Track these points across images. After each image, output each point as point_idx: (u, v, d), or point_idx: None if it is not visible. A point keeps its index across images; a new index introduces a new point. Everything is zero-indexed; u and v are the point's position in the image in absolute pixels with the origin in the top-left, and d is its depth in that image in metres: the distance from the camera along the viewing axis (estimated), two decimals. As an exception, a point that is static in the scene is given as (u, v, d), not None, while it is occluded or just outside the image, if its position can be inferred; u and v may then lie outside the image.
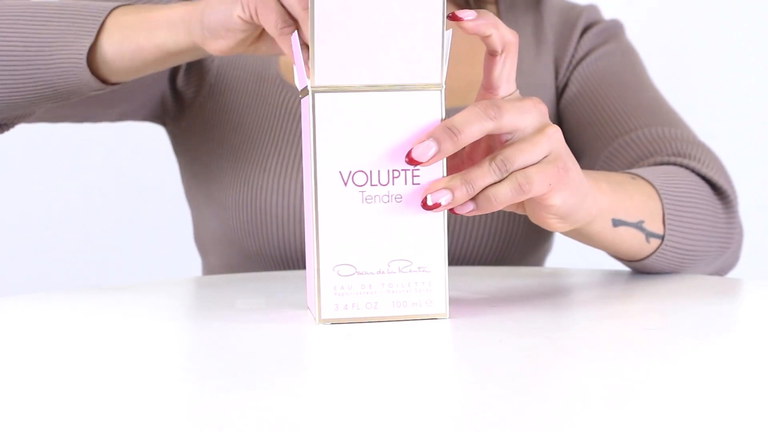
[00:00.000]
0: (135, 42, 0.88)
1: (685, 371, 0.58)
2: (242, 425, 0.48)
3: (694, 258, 0.93)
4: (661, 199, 0.89)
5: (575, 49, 1.13)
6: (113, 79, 0.92)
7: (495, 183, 0.71)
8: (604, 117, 1.09)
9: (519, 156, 0.71)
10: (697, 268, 0.95)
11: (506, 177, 0.71)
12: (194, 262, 1.28)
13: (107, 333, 0.71)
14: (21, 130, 1.74)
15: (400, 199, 0.70)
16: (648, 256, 0.89)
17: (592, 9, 1.16)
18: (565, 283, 0.88)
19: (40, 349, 0.67)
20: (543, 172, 0.72)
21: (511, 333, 0.69)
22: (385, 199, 0.70)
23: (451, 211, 0.71)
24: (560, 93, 1.12)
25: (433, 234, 0.71)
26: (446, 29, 0.71)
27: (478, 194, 0.71)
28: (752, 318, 0.75)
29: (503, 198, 0.71)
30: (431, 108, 0.70)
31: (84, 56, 0.89)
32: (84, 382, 0.58)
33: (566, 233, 0.82)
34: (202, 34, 0.84)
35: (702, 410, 0.50)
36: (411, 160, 0.70)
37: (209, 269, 1.14)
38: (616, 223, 0.84)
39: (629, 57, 1.14)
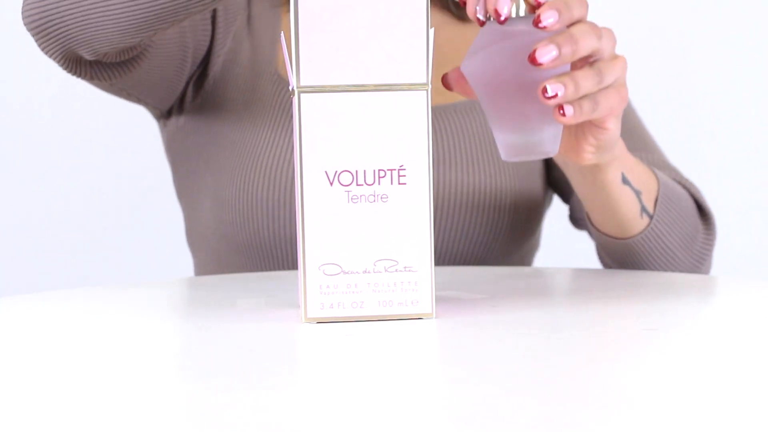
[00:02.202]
0: None
1: (685, 371, 0.58)
2: (239, 425, 0.48)
3: (668, 259, 0.95)
4: (658, 183, 0.93)
5: None
6: None
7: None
8: None
9: (610, 72, 0.77)
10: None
11: (585, 97, 0.76)
12: (191, 261, 1.28)
13: (106, 332, 0.72)
14: (20, 129, 1.75)
15: (386, 199, 0.71)
16: (635, 235, 0.92)
17: None
18: (564, 283, 0.88)
19: (40, 348, 0.67)
20: (608, 97, 0.78)
21: (510, 333, 0.69)
22: (371, 198, 0.71)
23: (557, 112, 0.74)
24: None
25: (419, 233, 0.71)
26: (431, 27, 0.71)
27: (580, 102, 0.76)
28: (752, 318, 0.75)
29: (606, 105, 0.77)
30: (417, 108, 0.71)
31: None
32: (82, 381, 0.58)
33: (580, 178, 0.87)
34: None
35: (702, 410, 0.50)
36: (533, 60, 0.72)
37: (200, 265, 1.15)
38: (625, 180, 0.88)
39: None
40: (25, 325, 0.76)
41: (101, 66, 1.00)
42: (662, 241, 0.92)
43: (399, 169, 0.71)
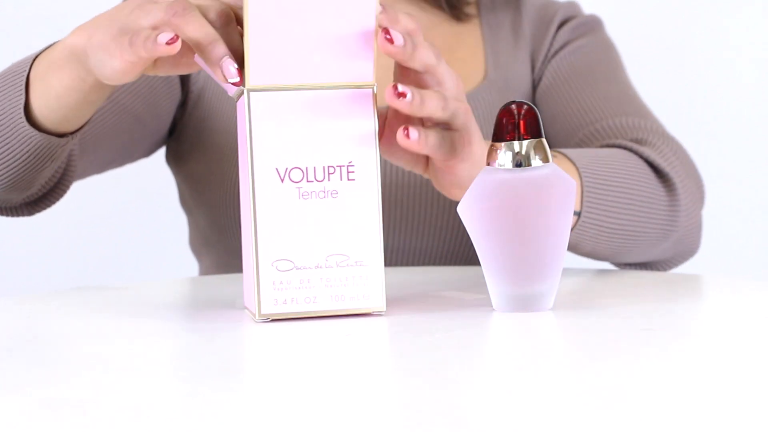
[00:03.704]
0: (53, 89, 0.83)
1: (684, 371, 0.58)
2: (238, 425, 0.49)
3: (629, 238, 0.93)
4: (580, 177, 0.90)
5: (551, 43, 1.14)
6: (63, 129, 0.87)
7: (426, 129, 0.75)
8: (573, 109, 1.09)
9: (453, 106, 0.75)
10: (640, 250, 0.96)
11: (432, 128, 0.75)
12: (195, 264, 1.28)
13: (103, 332, 0.72)
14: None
15: (336, 195, 0.72)
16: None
17: (571, 5, 1.16)
18: (563, 283, 0.88)
19: (40, 347, 0.67)
20: (454, 138, 0.76)
21: (508, 332, 0.69)
22: (322, 194, 0.72)
23: (402, 137, 0.72)
24: (536, 86, 1.13)
25: (369, 228, 0.72)
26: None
27: (419, 128, 0.73)
28: (751, 318, 0.75)
29: (432, 142, 0.74)
30: (364, 105, 0.72)
31: (22, 119, 0.85)
32: (81, 379, 0.58)
33: None
34: (92, 69, 0.78)
35: (701, 410, 0.50)
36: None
37: (204, 272, 1.16)
38: None
39: (604, 50, 1.14)
40: (26, 325, 0.76)
41: (34, 202, 0.97)
42: (606, 227, 0.91)
43: (348, 165, 0.72)
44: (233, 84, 0.71)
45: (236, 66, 0.71)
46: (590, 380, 0.56)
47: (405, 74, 0.76)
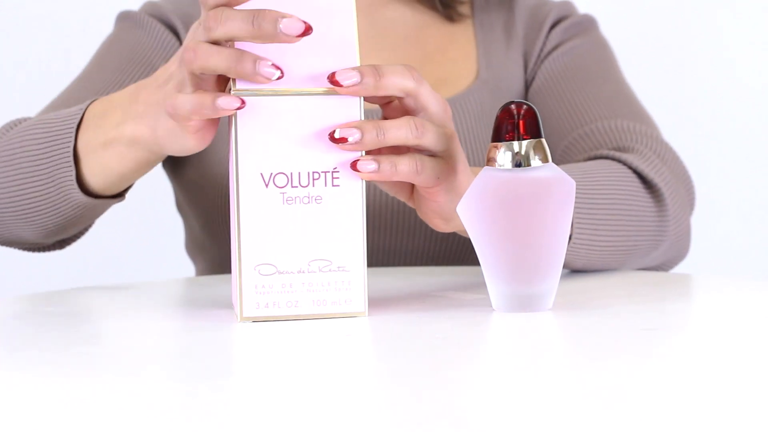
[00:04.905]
0: (112, 169, 0.84)
1: (685, 371, 0.58)
2: (236, 425, 0.49)
3: (620, 253, 0.93)
4: None
5: (544, 43, 1.13)
6: (117, 191, 0.88)
7: (398, 156, 0.73)
8: (564, 110, 1.09)
9: (432, 131, 0.73)
10: (632, 261, 0.95)
11: (407, 154, 0.73)
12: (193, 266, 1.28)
13: (100, 332, 0.72)
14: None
15: (320, 200, 0.72)
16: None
17: (565, 5, 1.16)
18: (562, 283, 0.88)
19: (39, 348, 0.67)
20: (437, 164, 0.74)
21: (508, 332, 0.69)
22: (306, 200, 0.72)
23: (352, 166, 0.72)
24: (528, 86, 1.13)
25: (352, 234, 0.73)
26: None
27: (382, 158, 0.72)
28: (751, 318, 0.75)
29: (403, 169, 0.73)
30: (350, 111, 0.72)
31: (75, 189, 0.86)
32: (80, 380, 0.58)
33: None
34: (163, 150, 0.80)
35: (702, 410, 0.50)
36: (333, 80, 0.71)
37: (199, 275, 1.17)
38: None
39: (598, 51, 1.13)
40: (26, 325, 0.76)
41: (66, 239, 0.98)
42: (598, 245, 0.90)
43: (333, 172, 0.72)
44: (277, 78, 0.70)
45: (270, 62, 0.70)
46: (590, 380, 0.56)
47: (388, 103, 0.76)
